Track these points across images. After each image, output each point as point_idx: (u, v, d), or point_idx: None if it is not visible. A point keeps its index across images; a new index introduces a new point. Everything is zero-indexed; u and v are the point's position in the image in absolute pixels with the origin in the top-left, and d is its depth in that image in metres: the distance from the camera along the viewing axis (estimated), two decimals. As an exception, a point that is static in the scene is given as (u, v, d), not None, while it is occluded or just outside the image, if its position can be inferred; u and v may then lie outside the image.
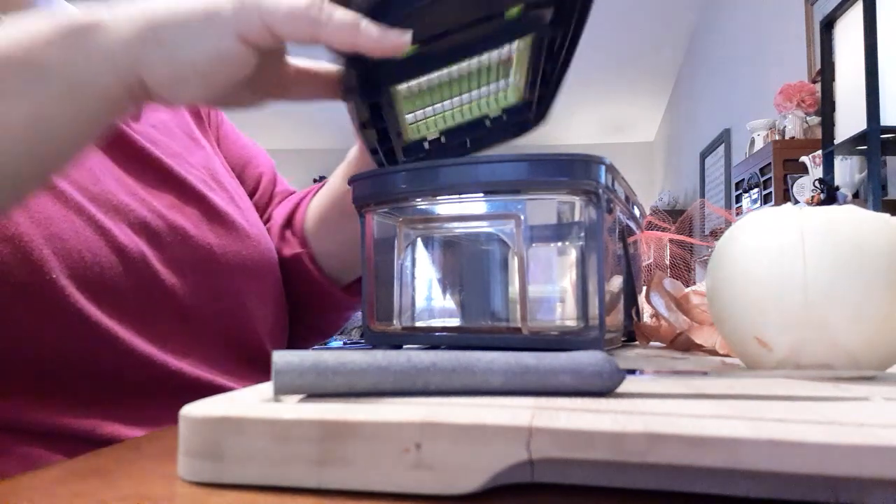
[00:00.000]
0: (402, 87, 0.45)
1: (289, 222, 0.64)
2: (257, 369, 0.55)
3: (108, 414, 0.44)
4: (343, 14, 0.35)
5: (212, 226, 0.52)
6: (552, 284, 0.43)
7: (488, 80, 0.48)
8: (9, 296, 0.41)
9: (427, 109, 0.49)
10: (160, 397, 0.46)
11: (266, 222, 0.66)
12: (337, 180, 0.59)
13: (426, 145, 0.51)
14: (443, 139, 0.51)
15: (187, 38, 0.35)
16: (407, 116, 0.48)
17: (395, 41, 0.36)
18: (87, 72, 0.35)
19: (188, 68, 0.35)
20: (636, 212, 0.55)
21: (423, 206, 0.43)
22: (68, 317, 0.43)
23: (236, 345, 0.53)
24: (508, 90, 0.50)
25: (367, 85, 0.43)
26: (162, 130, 0.56)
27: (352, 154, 0.57)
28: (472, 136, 0.52)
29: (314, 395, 0.25)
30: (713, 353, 0.48)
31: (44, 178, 0.38)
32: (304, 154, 6.38)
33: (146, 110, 0.55)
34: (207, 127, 0.64)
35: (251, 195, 0.66)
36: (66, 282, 0.43)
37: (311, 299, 0.63)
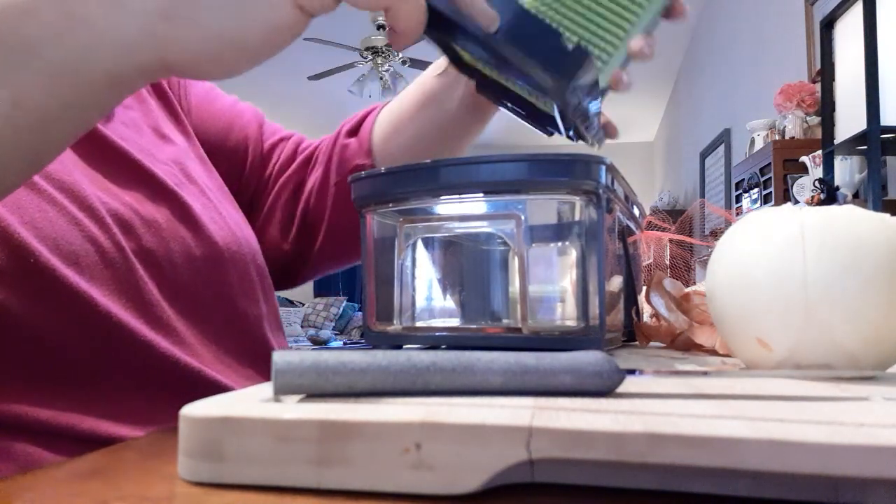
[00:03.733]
0: None
1: (354, 132, 0.65)
2: (245, 363, 0.54)
3: (103, 410, 0.44)
4: None
5: (183, 223, 0.52)
6: (552, 284, 0.43)
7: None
8: None
9: None
10: (154, 388, 0.46)
11: (270, 178, 0.67)
12: (427, 75, 0.61)
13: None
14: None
15: (227, 10, 0.30)
16: None
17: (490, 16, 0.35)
18: (86, 52, 0.30)
19: (228, 45, 0.30)
20: (636, 212, 0.55)
21: (423, 206, 0.43)
22: (58, 296, 0.42)
23: (220, 338, 0.53)
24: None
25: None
26: (131, 127, 0.55)
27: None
28: None
29: (314, 395, 0.25)
30: (713, 353, 0.48)
31: (31, 168, 0.34)
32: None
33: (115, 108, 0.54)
34: (177, 103, 0.63)
35: (241, 168, 0.66)
36: (53, 262, 0.42)
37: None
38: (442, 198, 0.41)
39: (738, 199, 3.30)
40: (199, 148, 0.62)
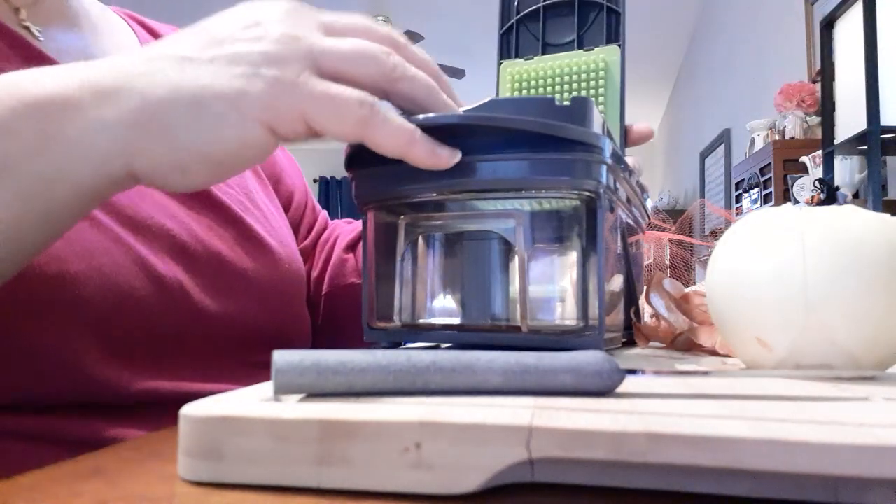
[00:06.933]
0: None
1: (353, 248, 0.65)
2: None
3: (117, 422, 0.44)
4: (399, 121, 0.32)
5: (247, 248, 0.53)
6: (552, 284, 0.43)
7: None
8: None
9: None
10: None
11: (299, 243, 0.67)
12: None
13: None
14: None
15: (198, 123, 0.30)
16: None
17: (446, 160, 0.34)
18: (60, 168, 0.30)
19: (196, 157, 0.31)
20: (636, 213, 0.55)
21: (423, 205, 0.43)
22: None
23: (267, 368, 0.53)
24: None
25: None
26: None
27: None
28: None
29: (314, 394, 0.25)
30: (713, 353, 0.48)
31: (15, 267, 0.34)
32: (305, 154, 6.39)
33: None
34: None
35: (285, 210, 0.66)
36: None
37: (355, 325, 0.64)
38: (442, 196, 0.41)
39: (738, 199, 3.30)
40: (261, 177, 0.63)
